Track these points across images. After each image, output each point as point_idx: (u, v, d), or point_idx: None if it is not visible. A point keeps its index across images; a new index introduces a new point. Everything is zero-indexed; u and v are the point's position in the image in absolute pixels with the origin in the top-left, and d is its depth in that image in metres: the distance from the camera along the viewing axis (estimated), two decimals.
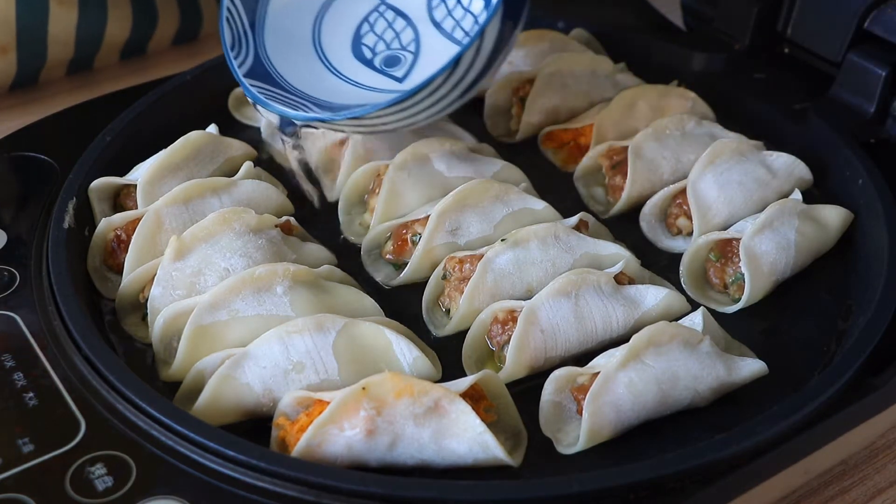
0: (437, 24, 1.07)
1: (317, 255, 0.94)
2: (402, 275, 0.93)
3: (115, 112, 1.05)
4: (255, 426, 0.79)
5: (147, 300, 0.87)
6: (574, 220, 0.95)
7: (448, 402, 0.75)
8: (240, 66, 0.98)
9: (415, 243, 0.94)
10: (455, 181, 0.98)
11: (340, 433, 0.74)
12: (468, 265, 0.90)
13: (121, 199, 0.99)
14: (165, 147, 0.99)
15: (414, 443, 0.74)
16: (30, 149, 1.02)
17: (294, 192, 1.03)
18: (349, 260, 0.96)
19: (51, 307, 0.84)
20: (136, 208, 0.95)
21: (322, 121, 0.92)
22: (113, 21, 1.27)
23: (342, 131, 0.99)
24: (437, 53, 1.05)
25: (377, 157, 1.02)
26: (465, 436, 0.74)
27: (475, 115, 1.16)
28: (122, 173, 0.99)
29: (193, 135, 1.01)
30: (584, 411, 0.77)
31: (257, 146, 1.09)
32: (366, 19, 1.08)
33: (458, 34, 1.05)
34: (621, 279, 0.89)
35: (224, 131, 1.07)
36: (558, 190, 1.05)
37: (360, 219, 1.01)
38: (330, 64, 1.04)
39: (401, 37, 1.06)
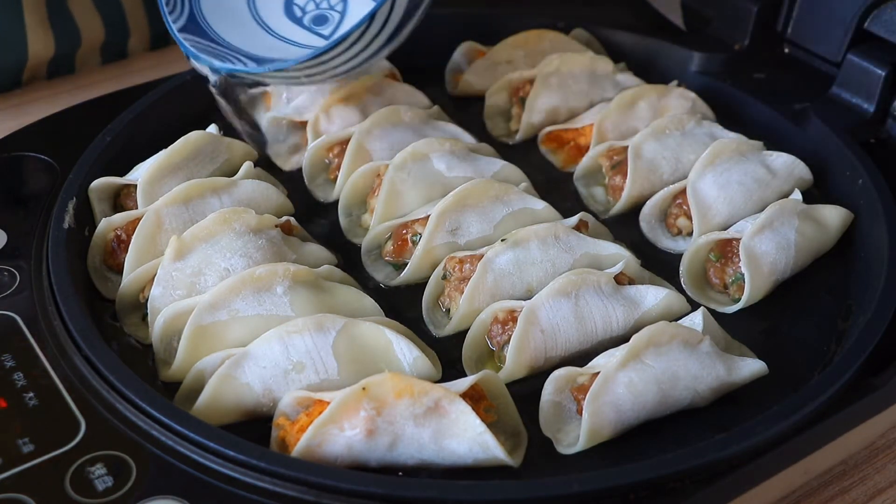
0: None
1: (317, 255, 0.94)
2: (402, 275, 0.93)
3: (115, 112, 1.05)
4: (255, 426, 0.79)
5: (147, 300, 0.87)
6: (574, 220, 0.94)
7: (448, 402, 0.75)
8: (174, 22, 1.02)
9: (415, 243, 0.94)
10: (455, 181, 0.98)
11: (340, 433, 0.74)
12: (468, 265, 0.90)
13: (121, 199, 0.99)
14: (165, 147, 0.99)
15: (414, 443, 0.74)
16: (30, 149, 1.02)
17: (294, 193, 1.03)
18: (349, 260, 0.97)
19: (51, 307, 0.84)
20: (136, 208, 0.95)
21: (247, 72, 0.97)
22: (86, 28, 1.28)
23: (270, 83, 1.06)
24: (361, 12, 1.09)
25: (377, 158, 1.02)
26: (465, 436, 0.74)
27: (475, 115, 1.16)
28: (122, 173, 0.99)
29: (193, 135, 1.01)
30: (584, 411, 0.77)
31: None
32: None
33: None
34: (621, 279, 0.89)
35: (224, 131, 1.07)
36: (558, 190, 1.06)
37: (360, 219, 1.01)
38: (264, 23, 1.09)
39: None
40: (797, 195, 0.99)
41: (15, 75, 1.27)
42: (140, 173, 0.97)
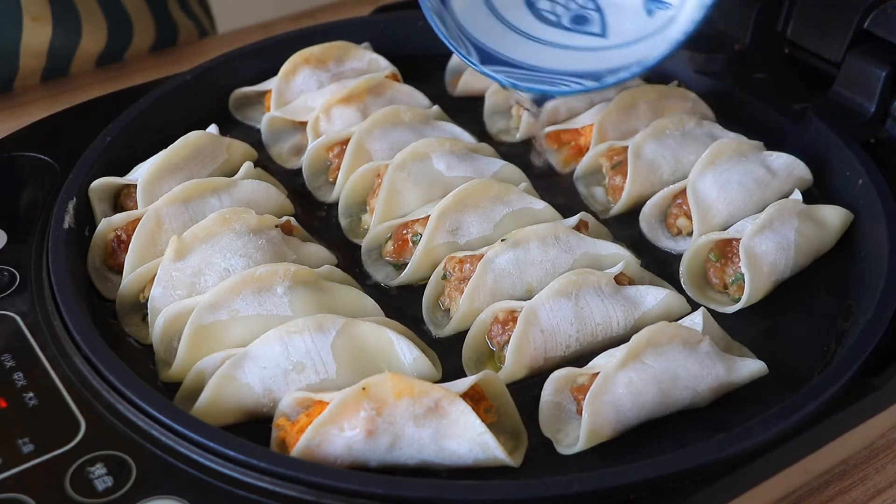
0: None
1: (317, 256, 0.94)
2: (402, 275, 0.93)
3: (115, 112, 1.05)
4: (255, 426, 0.79)
5: (147, 300, 0.87)
6: (574, 220, 0.94)
7: (448, 402, 0.75)
8: (470, 56, 0.98)
9: (415, 243, 0.94)
10: (455, 181, 0.98)
11: (340, 433, 0.74)
12: (468, 265, 0.90)
13: (121, 200, 0.99)
14: (165, 147, 0.99)
15: (414, 443, 0.74)
16: (30, 149, 1.02)
17: (294, 193, 1.03)
18: (349, 260, 0.97)
19: (51, 307, 0.84)
20: (137, 208, 0.95)
21: (588, 90, 0.96)
22: (88, 34, 1.27)
23: (556, 96, 1.03)
24: (619, 4, 1.04)
25: (377, 158, 1.02)
26: (465, 436, 0.74)
27: (475, 115, 1.16)
28: (122, 173, 0.99)
29: (193, 135, 1.01)
30: (583, 411, 0.77)
31: (257, 146, 1.09)
32: None
33: None
34: (621, 280, 0.89)
35: (224, 131, 1.07)
36: (558, 190, 1.05)
37: (360, 219, 1.01)
38: (530, 34, 1.04)
39: None
40: (797, 195, 0.99)
41: (7, 76, 1.27)
42: (140, 173, 0.97)
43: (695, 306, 0.89)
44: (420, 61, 1.20)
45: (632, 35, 1.01)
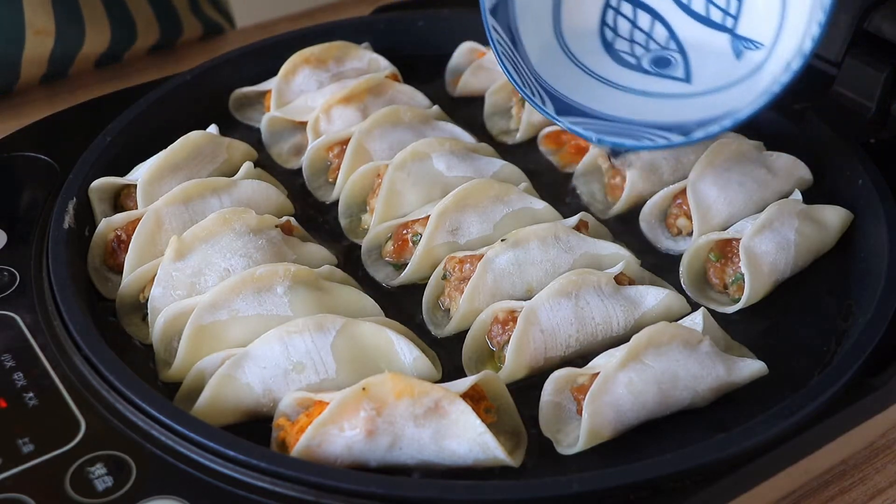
0: (685, 8, 0.96)
1: (317, 256, 0.94)
2: (402, 275, 0.93)
3: (115, 112, 1.05)
4: (255, 426, 0.79)
5: (147, 300, 0.87)
6: (574, 220, 0.94)
7: (448, 402, 0.75)
8: (544, 106, 0.90)
9: (415, 243, 0.94)
10: (455, 181, 0.98)
11: (340, 433, 0.74)
12: (468, 265, 0.90)
13: (121, 200, 0.99)
14: (165, 147, 0.99)
15: (414, 443, 0.74)
16: (30, 149, 1.02)
17: (294, 193, 1.03)
18: (349, 260, 0.97)
19: (51, 307, 0.84)
20: (137, 208, 0.95)
21: (675, 146, 0.87)
22: (90, 40, 1.27)
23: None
24: (704, 45, 0.96)
25: (377, 158, 1.02)
26: (465, 436, 0.74)
27: (475, 115, 1.16)
28: (122, 173, 0.99)
29: (193, 135, 1.01)
30: (583, 411, 0.77)
31: (257, 146, 1.09)
32: (604, 23, 0.98)
33: (715, 15, 0.95)
34: (621, 279, 0.89)
35: (224, 131, 1.07)
36: (558, 190, 1.05)
37: (360, 219, 1.01)
38: (608, 80, 0.95)
39: (653, 35, 0.97)
40: (797, 195, 0.99)
41: (7, 85, 1.26)
42: (140, 173, 0.97)
43: (695, 306, 0.90)
44: (420, 61, 1.20)
45: (719, 81, 0.93)
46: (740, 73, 0.92)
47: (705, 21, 0.96)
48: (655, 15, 0.97)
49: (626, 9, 0.98)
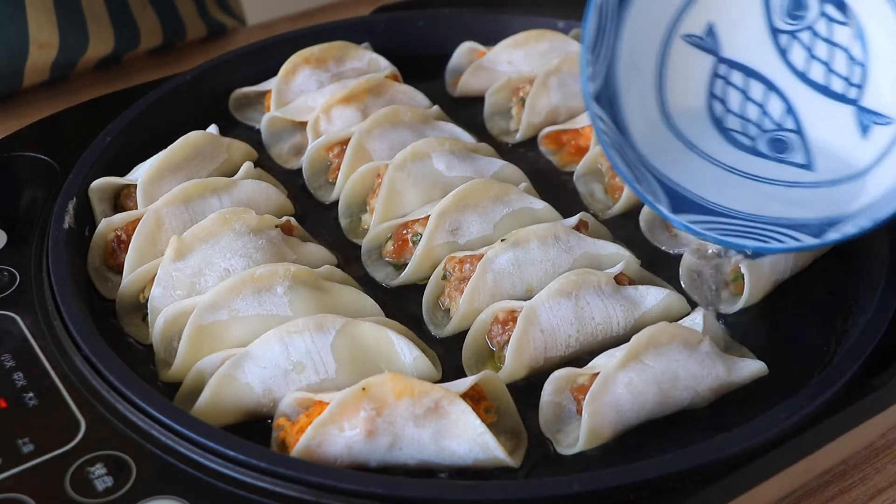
0: (801, 77, 0.85)
1: (317, 256, 0.94)
2: (402, 275, 0.93)
3: (115, 112, 1.05)
4: (255, 426, 0.79)
5: (147, 300, 0.87)
6: (574, 220, 0.95)
7: (448, 402, 0.75)
8: (660, 204, 0.78)
9: (415, 243, 0.94)
10: (455, 181, 0.98)
11: (340, 434, 0.74)
12: (468, 265, 0.90)
13: (121, 200, 0.99)
14: (165, 147, 0.99)
15: (414, 443, 0.74)
16: (30, 149, 1.02)
17: (294, 193, 1.03)
18: (349, 260, 0.97)
19: (51, 307, 0.84)
20: (137, 208, 0.95)
21: (808, 248, 0.79)
22: (93, 48, 1.27)
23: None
24: (825, 120, 0.84)
25: (377, 158, 1.02)
26: (465, 436, 0.74)
27: (475, 115, 1.16)
28: (122, 173, 0.99)
29: (193, 135, 1.01)
30: (583, 411, 0.77)
31: (257, 146, 1.09)
32: (712, 95, 0.87)
33: (837, 84, 0.83)
34: (621, 279, 0.89)
35: (224, 131, 1.07)
36: (558, 190, 1.05)
37: (360, 219, 1.01)
38: (719, 162, 0.84)
39: (768, 108, 0.86)
40: None
41: (8, 92, 1.26)
42: (140, 173, 0.97)
43: (695, 306, 0.89)
44: (420, 61, 1.20)
45: (845, 168, 0.81)
46: (871, 155, 0.81)
47: (825, 91, 0.84)
48: (769, 85, 0.86)
49: (737, 78, 0.87)
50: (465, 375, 0.81)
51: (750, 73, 0.86)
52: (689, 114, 0.86)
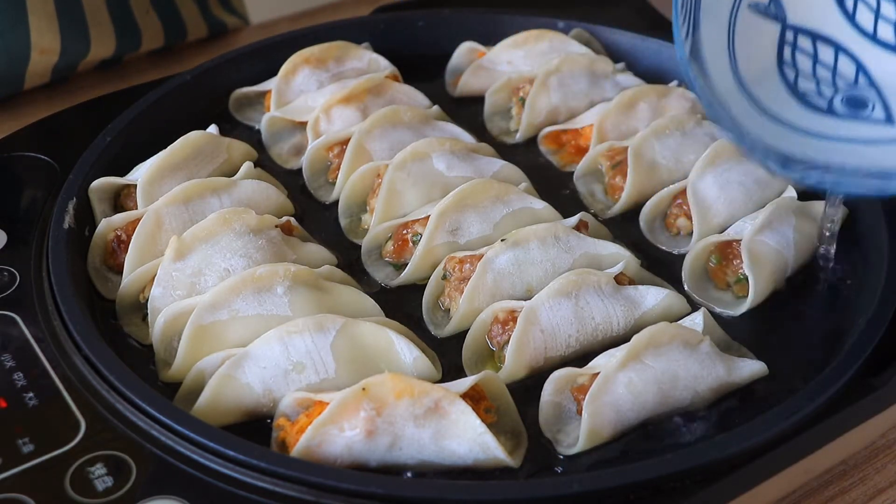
0: (870, 38, 0.85)
1: (317, 256, 0.94)
2: (402, 275, 0.93)
3: (115, 112, 1.05)
4: (255, 426, 0.79)
5: (147, 300, 0.87)
6: (574, 220, 0.95)
7: (448, 402, 0.75)
8: (767, 160, 0.78)
9: (415, 243, 0.94)
10: (455, 181, 0.98)
11: (340, 434, 0.74)
12: (468, 265, 0.90)
13: (121, 200, 0.99)
14: (165, 147, 0.99)
15: (414, 443, 0.74)
16: (30, 149, 1.02)
17: (294, 193, 1.04)
18: (349, 260, 0.97)
19: (51, 307, 0.84)
20: (137, 208, 0.95)
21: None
22: (94, 51, 1.26)
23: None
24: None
25: (377, 158, 1.02)
26: (465, 436, 0.74)
27: (475, 115, 1.16)
28: (122, 173, 0.99)
29: (193, 135, 1.01)
30: (583, 411, 0.77)
31: (257, 146, 1.09)
32: (782, 61, 0.87)
33: None
34: (621, 279, 0.89)
35: (224, 131, 1.07)
36: (558, 190, 1.05)
37: (360, 219, 1.01)
38: (794, 125, 0.83)
39: (839, 71, 0.86)
40: (791, 192, 0.98)
41: (8, 95, 1.26)
42: (140, 173, 0.97)
43: (695, 307, 0.89)
44: (420, 61, 1.20)
45: None
46: None
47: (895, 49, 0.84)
48: (838, 47, 0.86)
49: (805, 42, 0.86)
50: (465, 375, 0.81)
51: (817, 36, 0.86)
52: (761, 79, 0.86)
